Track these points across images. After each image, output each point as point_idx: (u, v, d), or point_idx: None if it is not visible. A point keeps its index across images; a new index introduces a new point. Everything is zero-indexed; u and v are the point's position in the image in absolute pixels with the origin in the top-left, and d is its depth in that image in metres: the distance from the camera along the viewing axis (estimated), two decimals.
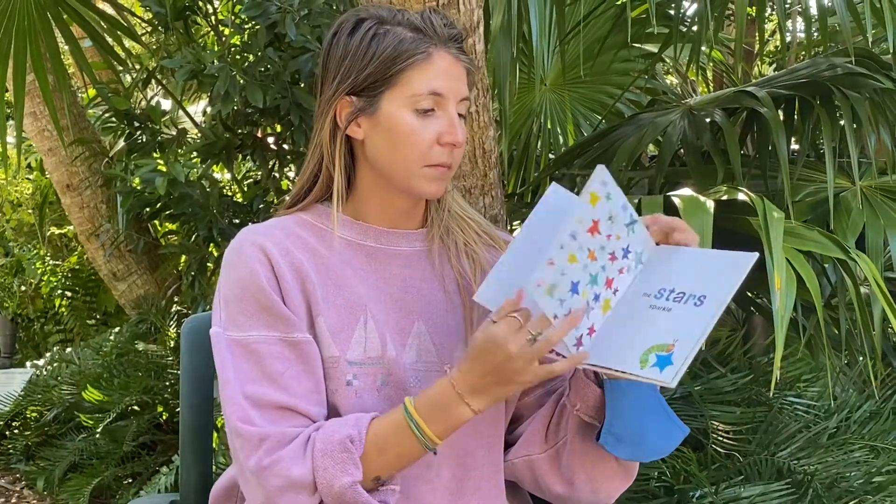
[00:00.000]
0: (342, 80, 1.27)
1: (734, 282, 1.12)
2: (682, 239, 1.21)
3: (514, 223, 2.71)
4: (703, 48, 2.47)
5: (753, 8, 3.03)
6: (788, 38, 3.63)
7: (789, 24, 3.04)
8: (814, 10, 2.97)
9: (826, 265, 2.16)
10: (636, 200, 1.88)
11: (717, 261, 1.16)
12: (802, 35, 3.97)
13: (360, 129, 1.29)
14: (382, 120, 1.26)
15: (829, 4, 2.56)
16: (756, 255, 1.14)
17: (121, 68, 3.51)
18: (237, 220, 3.22)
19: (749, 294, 2.46)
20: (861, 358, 2.51)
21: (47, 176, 4.62)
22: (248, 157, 3.22)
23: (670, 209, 1.79)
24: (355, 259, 1.31)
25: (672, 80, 3.98)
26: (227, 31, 3.41)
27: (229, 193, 3.62)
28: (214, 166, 3.34)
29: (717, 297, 1.12)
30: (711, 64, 3.61)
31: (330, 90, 1.29)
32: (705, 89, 3.86)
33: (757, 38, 3.86)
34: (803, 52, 3.85)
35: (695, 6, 2.99)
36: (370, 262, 1.32)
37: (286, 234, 1.30)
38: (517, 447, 1.36)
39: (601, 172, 1.13)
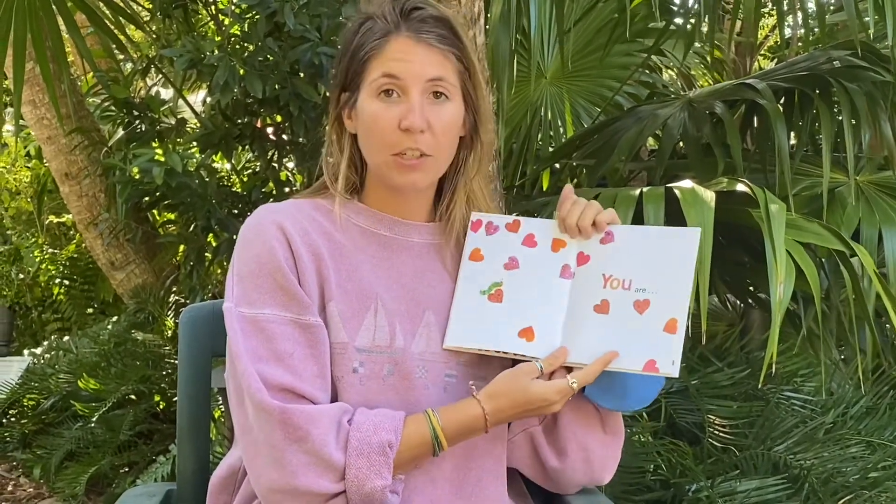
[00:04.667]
0: (336, 75, 1.33)
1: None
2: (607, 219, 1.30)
3: (513, 215, 2.70)
4: (708, 43, 2.46)
5: (753, 3, 3.02)
6: (788, 34, 3.62)
7: (789, 19, 3.03)
8: (811, 6, 2.97)
9: (823, 258, 2.16)
10: (636, 192, 1.87)
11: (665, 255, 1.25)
12: (802, 31, 3.96)
13: (351, 123, 1.32)
14: (359, 111, 1.29)
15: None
16: (699, 229, 1.24)
17: (121, 57, 3.50)
18: (235, 211, 3.22)
19: (749, 287, 2.46)
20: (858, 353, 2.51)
21: (46, 164, 4.61)
22: (248, 148, 3.22)
23: (671, 201, 1.79)
24: (369, 247, 1.32)
25: (671, 74, 3.97)
26: (226, 21, 3.41)
27: (228, 184, 3.61)
28: (213, 156, 3.34)
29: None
30: (710, 59, 3.61)
31: (334, 85, 1.35)
32: (706, 82, 3.86)
33: (746, 32, 3.87)
34: (802, 50, 3.85)
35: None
36: (383, 250, 1.33)
37: (303, 215, 1.31)
38: (516, 422, 1.37)
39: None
